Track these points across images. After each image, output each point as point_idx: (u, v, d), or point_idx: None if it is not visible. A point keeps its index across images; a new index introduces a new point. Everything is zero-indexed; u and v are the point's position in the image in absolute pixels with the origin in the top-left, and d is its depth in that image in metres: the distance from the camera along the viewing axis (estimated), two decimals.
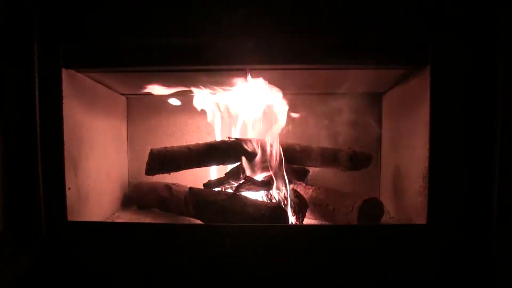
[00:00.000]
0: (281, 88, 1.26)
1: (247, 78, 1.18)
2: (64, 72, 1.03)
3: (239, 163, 1.33)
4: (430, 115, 0.98)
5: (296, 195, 1.20)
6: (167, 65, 1.07)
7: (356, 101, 1.52)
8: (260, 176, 1.30)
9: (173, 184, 1.42)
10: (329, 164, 1.33)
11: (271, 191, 1.27)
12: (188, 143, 1.50)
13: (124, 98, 1.60)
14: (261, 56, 1.02)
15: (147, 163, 1.24)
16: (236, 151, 1.31)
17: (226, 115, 1.44)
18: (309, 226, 1.22)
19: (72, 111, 1.09)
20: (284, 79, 1.24)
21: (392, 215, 1.35)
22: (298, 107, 1.54)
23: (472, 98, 0.97)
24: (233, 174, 1.30)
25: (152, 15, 1.00)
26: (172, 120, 1.63)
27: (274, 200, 1.24)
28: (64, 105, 1.02)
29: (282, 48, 1.02)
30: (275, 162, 1.28)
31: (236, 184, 1.26)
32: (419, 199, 1.07)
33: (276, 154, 1.29)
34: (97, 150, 1.29)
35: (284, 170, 1.27)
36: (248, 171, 1.27)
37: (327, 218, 1.27)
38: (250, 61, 1.04)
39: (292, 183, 1.28)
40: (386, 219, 1.30)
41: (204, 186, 1.29)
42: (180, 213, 1.36)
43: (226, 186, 1.32)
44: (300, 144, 1.43)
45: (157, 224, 1.22)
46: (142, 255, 1.02)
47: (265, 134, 1.32)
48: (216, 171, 1.48)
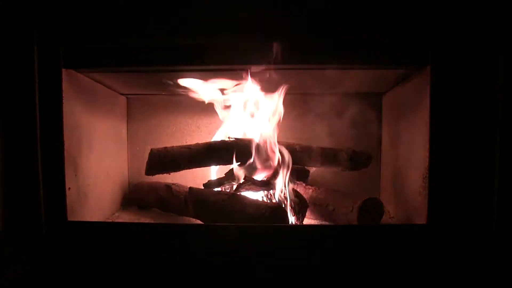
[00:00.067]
0: (280, 88, 1.26)
1: (247, 78, 1.18)
2: (64, 72, 1.03)
3: (239, 163, 1.33)
4: (430, 115, 0.98)
5: (296, 195, 1.20)
6: (167, 65, 1.07)
7: (356, 101, 1.52)
8: (260, 176, 1.30)
9: (173, 184, 1.42)
10: (329, 164, 1.33)
11: (271, 191, 1.27)
12: (188, 143, 1.50)
13: (124, 98, 1.60)
14: (261, 56, 1.02)
15: (147, 163, 1.24)
16: (236, 151, 1.31)
17: (226, 115, 1.44)
18: (309, 226, 1.22)
19: (72, 111, 1.09)
20: (283, 79, 1.24)
21: (392, 215, 1.35)
22: (298, 107, 1.55)
23: (472, 98, 0.97)
24: (233, 174, 1.30)
25: (152, 15, 1.00)
26: (172, 120, 1.63)
27: (274, 200, 1.24)
28: (64, 105, 1.02)
29: (282, 48, 1.02)
30: (274, 162, 1.28)
31: (236, 184, 1.26)
32: (419, 199, 1.07)
33: (276, 154, 1.29)
34: (97, 150, 1.29)
35: (284, 170, 1.27)
36: (243, 175, 1.27)
37: (327, 218, 1.27)
38: (251, 61, 1.04)
39: (292, 183, 1.27)
40: (386, 219, 1.30)
41: (204, 186, 1.29)
42: (180, 213, 1.36)
43: (226, 186, 1.33)
44: (300, 144, 1.43)
45: (157, 224, 1.22)
46: (142, 255, 1.02)
47: (264, 134, 1.32)
48: (216, 171, 1.48)
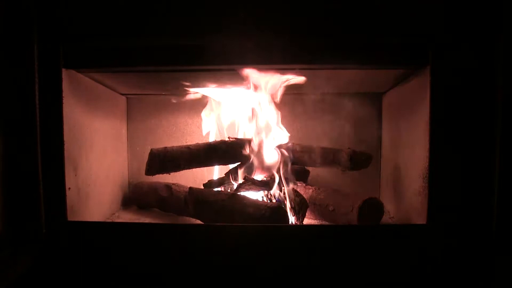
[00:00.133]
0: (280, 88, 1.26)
1: (247, 78, 1.18)
2: (64, 72, 1.03)
3: (239, 163, 1.34)
4: (430, 115, 0.98)
5: (296, 195, 1.20)
6: (167, 65, 1.07)
7: (356, 101, 1.52)
8: (260, 176, 1.30)
9: (173, 184, 1.42)
10: (329, 164, 1.33)
11: (271, 191, 1.27)
12: (188, 143, 1.51)
13: (124, 98, 1.60)
14: (260, 57, 1.02)
15: (147, 163, 1.24)
16: (236, 151, 1.31)
17: (227, 115, 1.44)
18: (309, 226, 1.22)
19: (72, 111, 1.09)
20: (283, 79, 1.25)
21: (392, 215, 1.35)
22: (298, 107, 1.55)
23: (472, 98, 0.97)
24: (233, 174, 1.30)
25: (152, 15, 1.00)
26: (172, 120, 1.63)
27: (274, 200, 1.24)
28: (64, 105, 1.02)
29: (282, 48, 1.02)
30: (275, 162, 1.28)
31: (236, 184, 1.26)
32: (419, 199, 1.07)
33: (276, 154, 1.29)
34: (97, 150, 1.29)
35: (284, 170, 1.27)
36: (243, 175, 1.27)
37: (327, 218, 1.27)
38: (251, 61, 1.04)
39: (292, 183, 1.27)
40: (386, 219, 1.30)
41: (204, 186, 1.29)
42: (180, 213, 1.36)
43: (226, 186, 1.33)
44: (300, 144, 1.43)
45: (157, 224, 1.22)
46: (142, 255, 1.02)
47: (265, 134, 1.32)
48: (216, 171, 1.48)
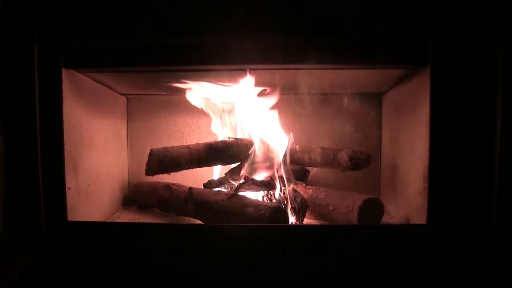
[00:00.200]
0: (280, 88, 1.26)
1: (247, 78, 1.18)
2: (64, 72, 1.03)
3: (239, 163, 1.34)
4: (430, 115, 0.98)
5: (296, 195, 1.20)
6: (167, 65, 1.07)
7: (356, 101, 1.52)
8: (260, 176, 1.30)
9: (173, 184, 1.42)
10: (329, 164, 1.33)
11: (271, 191, 1.27)
12: (188, 143, 1.51)
13: (124, 98, 1.60)
14: (260, 56, 1.02)
15: (147, 163, 1.24)
16: (236, 151, 1.31)
17: (227, 114, 1.44)
18: (309, 226, 1.22)
19: (72, 111, 1.09)
20: (282, 79, 1.24)
21: (392, 215, 1.35)
22: (298, 107, 1.55)
23: (472, 98, 0.97)
24: (233, 174, 1.30)
25: (152, 15, 1.00)
26: (172, 120, 1.63)
27: (274, 200, 1.24)
28: (64, 105, 1.02)
29: (281, 48, 1.02)
30: (275, 162, 1.28)
31: (236, 184, 1.26)
32: (419, 199, 1.07)
33: (276, 154, 1.29)
34: (97, 150, 1.29)
35: (284, 170, 1.27)
36: (243, 175, 1.27)
37: (327, 218, 1.27)
38: (250, 61, 1.04)
39: (292, 183, 1.27)
40: (386, 219, 1.30)
41: (204, 186, 1.29)
42: (180, 213, 1.36)
43: (226, 186, 1.33)
44: (300, 144, 1.43)
45: (157, 224, 1.22)
46: (142, 255, 1.02)
47: (265, 134, 1.32)
48: (216, 171, 1.48)
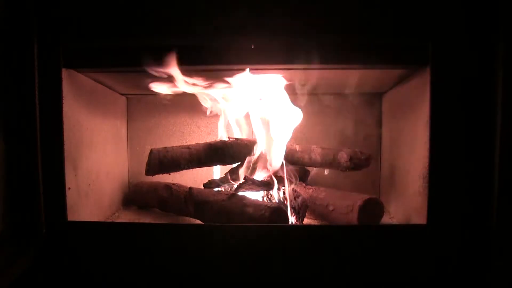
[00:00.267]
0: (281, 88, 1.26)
1: (247, 78, 1.18)
2: (64, 72, 1.03)
3: (239, 163, 1.33)
4: (430, 115, 0.98)
5: (296, 195, 1.20)
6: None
7: (356, 101, 1.52)
8: (260, 176, 1.30)
9: (173, 184, 1.42)
10: (329, 164, 1.33)
11: (271, 191, 1.27)
12: (188, 143, 1.51)
13: (124, 98, 1.60)
14: (261, 56, 1.02)
15: (147, 163, 1.24)
16: (236, 151, 1.31)
17: (227, 114, 1.44)
18: (309, 226, 1.22)
19: (72, 111, 1.09)
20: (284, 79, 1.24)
21: (392, 215, 1.35)
22: (297, 107, 1.55)
23: (472, 98, 0.97)
24: (233, 174, 1.30)
25: (152, 15, 1.00)
26: (172, 120, 1.63)
27: (274, 200, 1.24)
28: (64, 105, 1.02)
29: (282, 48, 1.02)
30: (275, 162, 1.28)
31: (236, 184, 1.26)
32: (419, 199, 1.07)
33: (276, 154, 1.29)
34: (97, 150, 1.29)
35: (284, 170, 1.27)
36: (243, 175, 1.27)
37: (327, 218, 1.27)
38: (251, 61, 1.04)
39: (292, 183, 1.27)
40: (386, 219, 1.30)
41: (204, 186, 1.29)
42: (180, 213, 1.36)
43: (226, 186, 1.33)
44: (300, 144, 1.43)
45: (157, 224, 1.22)
46: (142, 255, 1.02)
47: (265, 134, 1.32)
48: (216, 171, 1.48)
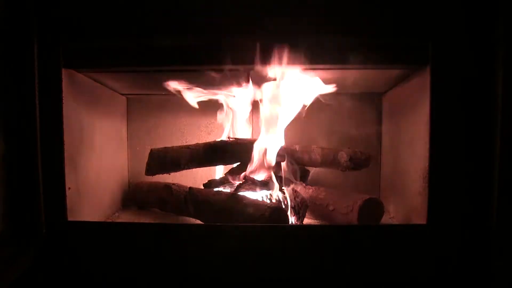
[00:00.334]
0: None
1: (248, 78, 1.18)
2: (64, 72, 1.03)
3: (239, 163, 1.34)
4: (430, 115, 0.98)
5: (296, 195, 1.20)
6: (167, 65, 1.07)
7: (356, 101, 1.52)
8: (260, 176, 1.30)
9: (173, 184, 1.42)
10: (329, 164, 1.33)
11: (271, 191, 1.26)
12: (188, 143, 1.51)
13: (124, 98, 1.60)
14: (261, 56, 1.02)
15: (147, 163, 1.24)
16: (236, 151, 1.31)
17: (227, 114, 1.44)
18: (309, 226, 1.22)
19: (72, 111, 1.09)
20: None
21: (392, 215, 1.35)
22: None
23: (472, 98, 0.97)
24: (233, 174, 1.30)
25: (152, 15, 1.00)
26: (172, 120, 1.63)
27: (274, 200, 1.24)
28: (64, 105, 1.02)
29: (281, 48, 1.02)
30: (275, 162, 1.28)
31: (236, 184, 1.26)
32: (419, 199, 1.07)
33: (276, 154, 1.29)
34: (97, 150, 1.29)
35: (284, 170, 1.27)
36: (243, 175, 1.27)
37: (327, 218, 1.27)
38: (251, 61, 1.04)
39: (292, 183, 1.27)
40: (386, 219, 1.30)
41: (204, 186, 1.29)
42: (180, 213, 1.36)
43: (226, 186, 1.33)
44: (300, 144, 1.43)
45: (157, 224, 1.22)
46: (142, 255, 1.02)
47: (265, 134, 1.32)
48: (217, 171, 1.48)
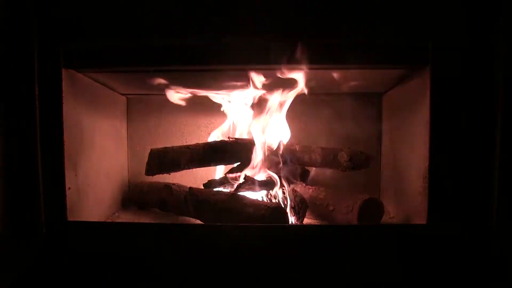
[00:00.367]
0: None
1: (248, 78, 1.18)
2: (64, 72, 1.03)
3: (239, 163, 1.33)
4: (430, 115, 0.98)
5: (296, 195, 1.20)
6: (167, 65, 1.07)
7: (356, 101, 1.52)
8: (260, 176, 1.30)
9: (173, 184, 1.42)
10: (329, 164, 1.33)
11: (271, 191, 1.27)
12: (188, 143, 1.50)
13: (124, 98, 1.60)
14: (261, 57, 1.02)
15: (147, 163, 1.24)
16: (236, 151, 1.31)
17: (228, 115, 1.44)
18: (309, 226, 1.22)
19: (72, 111, 1.09)
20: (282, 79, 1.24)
21: (392, 215, 1.35)
22: (298, 107, 1.55)
23: (472, 97, 0.97)
24: (233, 174, 1.30)
25: (152, 15, 1.00)
26: (172, 120, 1.63)
27: (274, 200, 1.24)
28: (64, 105, 1.02)
29: (282, 48, 1.02)
30: (275, 162, 1.28)
31: (236, 184, 1.26)
32: (419, 199, 1.07)
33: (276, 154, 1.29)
34: (97, 150, 1.29)
35: (284, 170, 1.27)
36: (243, 175, 1.26)
37: (327, 218, 1.27)
38: (251, 61, 1.04)
39: (292, 183, 1.27)
40: (386, 219, 1.30)
41: (204, 186, 1.29)
42: (180, 213, 1.36)
43: (226, 186, 1.32)
44: (300, 144, 1.43)
45: (157, 224, 1.22)
46: (142, 255, 1.02)
47: (265, 134, 1.32)
48: (217, 171, 1.48)
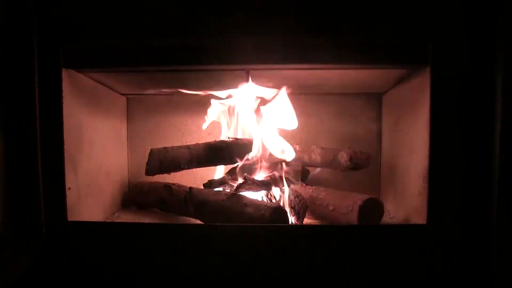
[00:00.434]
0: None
1: (248, 78, 1.18)
2: (64, 72, 1.03)
3: (239, 163, 1.34)
4: (430, 115, 0.98)
5: (296, 195, 1.20)
6: (167, 65, 1.07)
7: (356, 101, 1.52)
8: (260, 176, 1.30)
9: (173, 184, 1.42)
10: (329, 164, 1.33)
11: (271, 191, 1.27)
12: (188, 143, 1.51)
13: (124, 98, 1.60)
14: (261, 57, 1.02)
15: (147, 163, 1.24)
16: (236, 151, 1.31)
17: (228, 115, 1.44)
18: (309, 226, 1.22)
19: (72, 111, 1.09)
20: (284, 79, 1.24)
21: (392, 215, 1.35)
22: (298, 107, 1.55)
23: (472, 98, 0.97)
24: (233, 174, 1.30)
25: (152, 15, 1.00)
26: (172, 120, 1.63)
27: (274, 200, 1.24)
28: (64, 105, 1.02)
29: (282, 48, 1.02)
30: (275, 162, 1.28)
31: (236, 184, 1.26)
32: (419, 199, 1.07)
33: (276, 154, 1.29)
34: (97, 150, 1.29)
35: (284, 170, 1.27)
36: (243, 175, 1.27)
37: (327, 218, 1.27)
38: (251, 61, 1.04)
39: (292, 183, 1.27)
40: (386, 219, 1.30)
41: (204, 186, 1.29)
42: (180, 213, 1.36)
43: (226, 186, 1.33)
44: (300, 144, 1.43)
45: (157, 224, 1.22)
46: (142, 255, 1.02)
47: (265, 134, 1.32)
48: (217, 171, 1.48)
